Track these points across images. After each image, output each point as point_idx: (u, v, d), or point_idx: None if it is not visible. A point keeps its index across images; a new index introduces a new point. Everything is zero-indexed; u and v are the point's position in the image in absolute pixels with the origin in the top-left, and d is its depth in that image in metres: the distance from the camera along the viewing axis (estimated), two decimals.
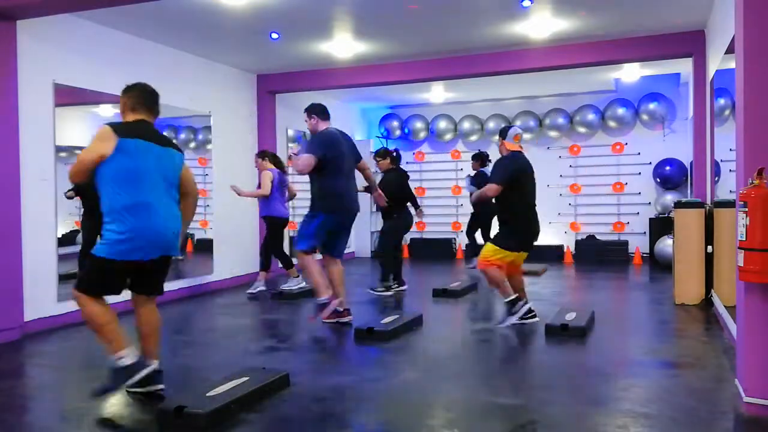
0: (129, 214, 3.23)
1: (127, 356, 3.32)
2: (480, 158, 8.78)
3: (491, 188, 5.06)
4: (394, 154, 7.24)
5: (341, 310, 5.27)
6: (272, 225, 7.02)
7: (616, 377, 3.85)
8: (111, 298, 3.43)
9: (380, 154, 7.22)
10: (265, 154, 7.10)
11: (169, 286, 6.73)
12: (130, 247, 3.25)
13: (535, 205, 5.24)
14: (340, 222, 5.29)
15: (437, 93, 9.94)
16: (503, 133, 5.31)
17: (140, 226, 3.25)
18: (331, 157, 5.12)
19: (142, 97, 3.54)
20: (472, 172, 8.85)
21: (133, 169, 3.26)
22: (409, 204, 7.20)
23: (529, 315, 5.13)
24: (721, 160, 6.04)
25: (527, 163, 5.27)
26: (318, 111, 5.33)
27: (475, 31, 6.49)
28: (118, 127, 3.29)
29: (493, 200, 5.21)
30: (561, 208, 10.27)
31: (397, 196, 6.90)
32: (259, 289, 7.08)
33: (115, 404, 3.50)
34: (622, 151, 10.01)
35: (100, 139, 3.23)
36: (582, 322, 4.88)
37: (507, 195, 5.05)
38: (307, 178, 5.35)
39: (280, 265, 7.21)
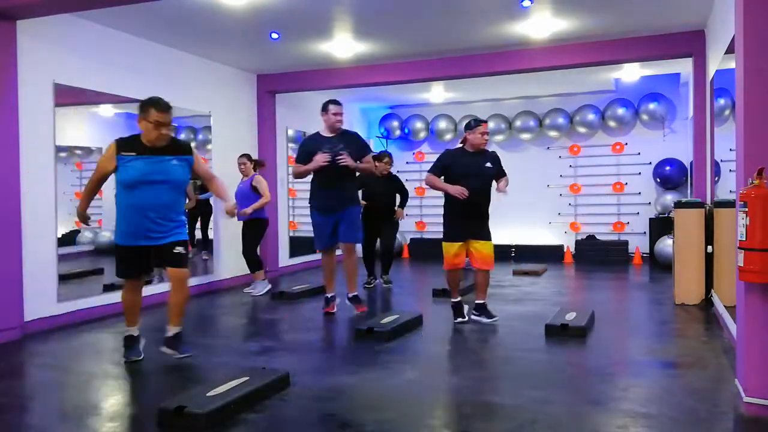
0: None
1: None
2: None
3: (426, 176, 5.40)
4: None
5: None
6: (262, 227, 7.12)
7: (616, 377, 3.85)
8: (108, 298, 3.43)
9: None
10: (250, 158, 7.16)
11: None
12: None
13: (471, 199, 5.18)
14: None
15: (437, 93, 9.94)
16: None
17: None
18: None
19: None
20: None
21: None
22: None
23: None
24: (721, 160, 6.04)
25: (459, 158, 5.29)
26: None
27: (475, 31, 6.49)
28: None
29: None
30: (561, 208, 10.28)
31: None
32: (266, 288, 7.07)
33: (115, 404, 3.51)
34: (622, 151, 10.01)
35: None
36: (582, 322, 4.88)
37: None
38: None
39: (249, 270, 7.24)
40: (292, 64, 7.87)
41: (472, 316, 5.33)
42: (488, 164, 5.26)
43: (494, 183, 5.36)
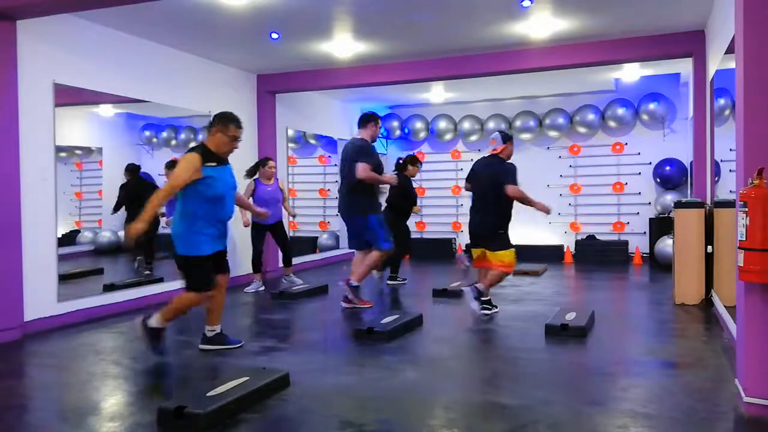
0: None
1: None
2: None
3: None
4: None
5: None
6: (264, 229, 7.28)
7: (616, 377, 3.85)
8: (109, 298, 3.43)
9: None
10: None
11: (169, 286, 6.83)
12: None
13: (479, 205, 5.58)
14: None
15: (437, 93, 9.94)
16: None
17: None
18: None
19: None
20: None
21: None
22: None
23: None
24: (721, 160, 6.04)
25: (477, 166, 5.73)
26: None
27: (475, 31, 6.49)
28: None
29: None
30: (561, 208, 10.27)
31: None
32: (292, 284, 7.31)
33: (115, 404, 3.51)
34: (622, 151, 10.02)
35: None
36: (582, 322, 4.88)
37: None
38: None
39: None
40: (292, 64, 7.87)
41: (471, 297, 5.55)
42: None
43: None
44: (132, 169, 7.32)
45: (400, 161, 7.77)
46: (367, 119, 6.10)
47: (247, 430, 3.04)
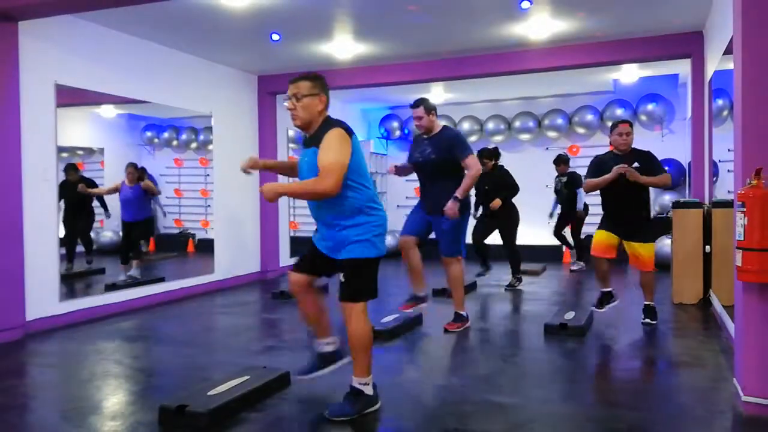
0: (377, 205, 3.21)
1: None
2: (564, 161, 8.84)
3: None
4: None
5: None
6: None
7: (614, 376, 3.87)
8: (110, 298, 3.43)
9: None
10: None
11: (170, 285, 6.86)
12: (384, 238, 3.25)
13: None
14: None
15: (437, 94, 9.96)
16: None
17: (383, 215, 3.26)
18: None
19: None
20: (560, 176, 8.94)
21: (363, 163, 3.20)
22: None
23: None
24: (720, 161, 6.07)
25: (607, 162, 5.14)
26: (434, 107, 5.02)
27: (475, 33, 6.51)
28: (345, 126, 3.13)
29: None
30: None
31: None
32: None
33: (117, 403, 3.53)
34: None
35: (344, 140, 3.05)
36: (581, 321, 4.91)
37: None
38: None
39: None
40: (292, 65, 7.88)
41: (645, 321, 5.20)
42: (637, 164, 4.91)
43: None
44: (72, 169, 6.96)
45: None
46: None
47: (248, 428, 3.06)
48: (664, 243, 8.35)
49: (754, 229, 3.01)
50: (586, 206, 8.88)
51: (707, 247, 5.82)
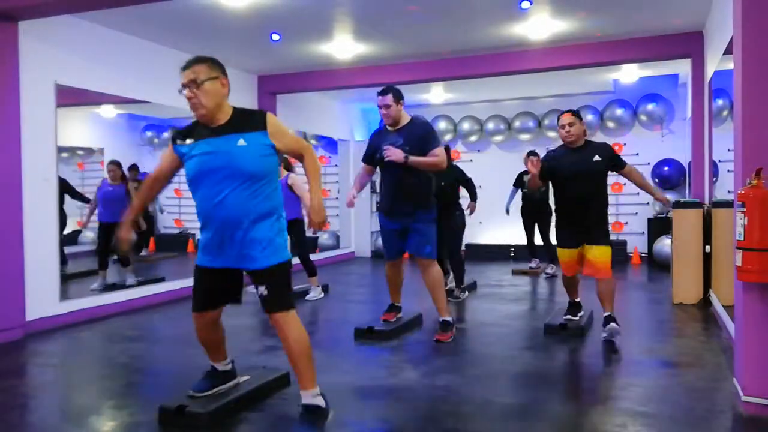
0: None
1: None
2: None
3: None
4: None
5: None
6: (302, 228, 6.52)
7: (614, 376, 3.87)
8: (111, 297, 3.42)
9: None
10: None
11: (169, 286, 6.85)
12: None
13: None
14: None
15: (437, 94, 9.96)
16: None
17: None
18: None
19: None
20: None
21: None
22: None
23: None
24: (719, 161, 6.08)
25: (561, 158, 4.74)
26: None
27: (475, 33, 6.52)
28: None
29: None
30: None
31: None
32: (321, 295, 6.72)
33: (117, 403, 3.52)
34: (621, 152, 10.00)
35: None
36: (581, 321, 4.91)
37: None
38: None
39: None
40: (292, 65, 7.89)
41: (607, 331, 4.58)
42: (596, 158, 4.52)
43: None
44: None
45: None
46: None
47: (248, 428, 3.06)
48: (664, 243, 8.36)
49: (754, 229, 3.01)
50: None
51: (707, 247, 5.82)
